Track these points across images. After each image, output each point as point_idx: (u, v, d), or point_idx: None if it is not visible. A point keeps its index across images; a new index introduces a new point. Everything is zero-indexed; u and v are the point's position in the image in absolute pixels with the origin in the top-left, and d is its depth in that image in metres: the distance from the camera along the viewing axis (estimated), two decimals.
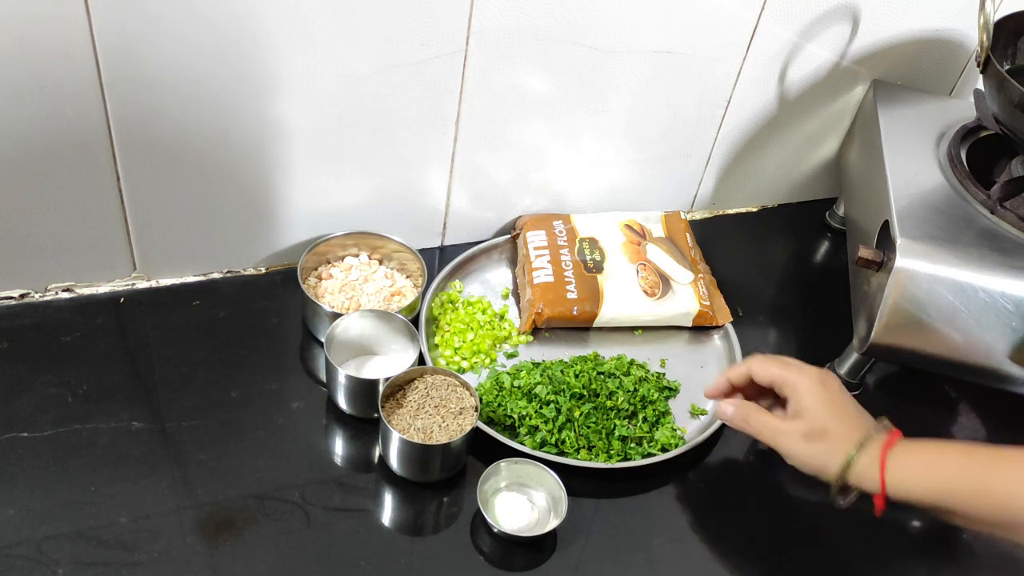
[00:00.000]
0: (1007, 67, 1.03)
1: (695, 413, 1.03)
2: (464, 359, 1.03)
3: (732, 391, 0.91)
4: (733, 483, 0.98)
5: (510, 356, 1.05)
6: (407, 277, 1.08)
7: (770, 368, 0.87)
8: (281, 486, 0.89)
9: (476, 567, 0.86)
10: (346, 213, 1.07)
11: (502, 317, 1.08)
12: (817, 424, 0.83)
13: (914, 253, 0.92)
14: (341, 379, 0.92)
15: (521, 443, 0.94)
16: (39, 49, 0.81)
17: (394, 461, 0.90)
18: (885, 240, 0.96)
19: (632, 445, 0.96)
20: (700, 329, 1.11)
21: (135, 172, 0.93)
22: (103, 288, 1.02)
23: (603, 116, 1.10)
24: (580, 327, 1.09)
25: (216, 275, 1.06)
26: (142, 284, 1.04)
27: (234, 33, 0.86)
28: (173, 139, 0.92)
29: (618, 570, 0.88)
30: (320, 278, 1.06)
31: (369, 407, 0.93)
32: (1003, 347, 0.93)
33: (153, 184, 0.95)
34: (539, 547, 0.88)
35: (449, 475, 0.91)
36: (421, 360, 0.97)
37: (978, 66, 1.00)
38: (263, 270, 1.08)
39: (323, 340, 0.96)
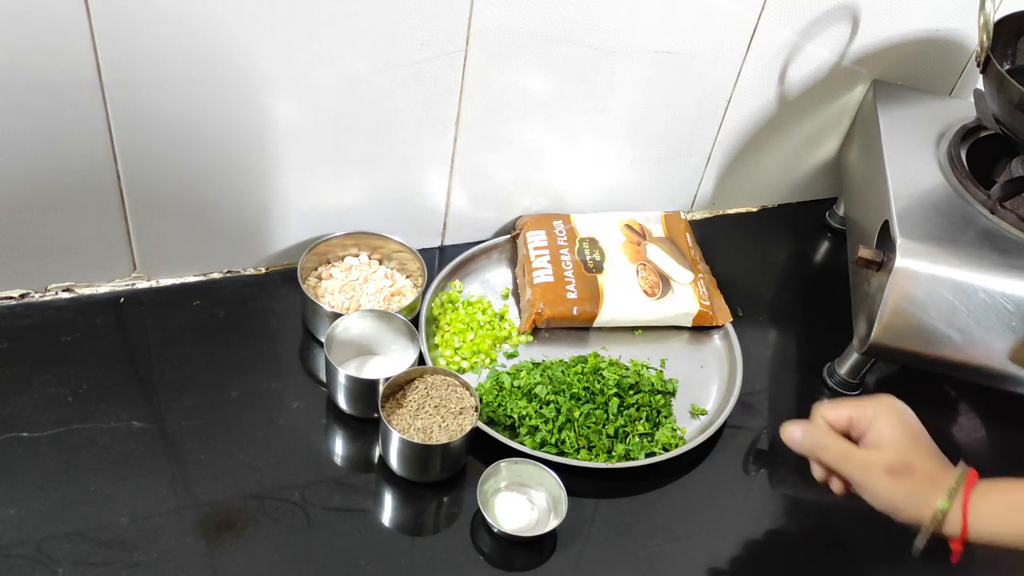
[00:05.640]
0: (1007, 67, 1.03)
1: (695, 413, 1.03)
2: (464, 359, 1.03)
3: None
4: (733, 483, 0.98)
5: (510, 356, 1.05)
6: (407, 277, 1.08)
7: (840, 409, 0.82)
8: (281, 486, 0.89)
9: (476, 567, 0.86)
10: (346, 213, 1.07)
11: (502, 317, 1.08)
12: (900, 458, 0.77)
13: (914, 253, 0.92)
14: (341, 379, 0.91)
15: (521, 443, 0.94)
16: (38, 49, 0.81)
17: (394, 461, 0.90)
18: (885, 240, 0.96)
19: (632, 445, 0.96)
20: (700, 329, 1.11)
21: (135, 172, 0.93)
22: (103, 288, 1.02)
23: (603, 116, 1.10)
24: (580, 327, 1.08)
25: (216, 275, 1.06)
26: (142, 284, 1.04)
27: (234, 33, 0.86)
28: (173, 138, 0.92)
29: (618, 570, 0.88)
30: (320, 278, 1.06)
31: (369, 407, 0.93)
32: (1003, 347, 0.93)
33: (153, 184, 0.95)
34: (539, 547, 0.88)
35: (449, 475, 0.91)
36: (421, 360, 0.97)
37: (978, 66, 1.00)
38: (263, 270, 1.08)
39: (323, 340, 0.96)
